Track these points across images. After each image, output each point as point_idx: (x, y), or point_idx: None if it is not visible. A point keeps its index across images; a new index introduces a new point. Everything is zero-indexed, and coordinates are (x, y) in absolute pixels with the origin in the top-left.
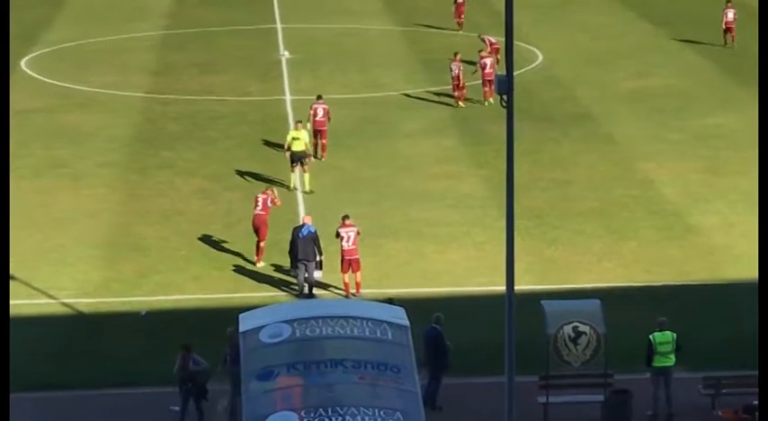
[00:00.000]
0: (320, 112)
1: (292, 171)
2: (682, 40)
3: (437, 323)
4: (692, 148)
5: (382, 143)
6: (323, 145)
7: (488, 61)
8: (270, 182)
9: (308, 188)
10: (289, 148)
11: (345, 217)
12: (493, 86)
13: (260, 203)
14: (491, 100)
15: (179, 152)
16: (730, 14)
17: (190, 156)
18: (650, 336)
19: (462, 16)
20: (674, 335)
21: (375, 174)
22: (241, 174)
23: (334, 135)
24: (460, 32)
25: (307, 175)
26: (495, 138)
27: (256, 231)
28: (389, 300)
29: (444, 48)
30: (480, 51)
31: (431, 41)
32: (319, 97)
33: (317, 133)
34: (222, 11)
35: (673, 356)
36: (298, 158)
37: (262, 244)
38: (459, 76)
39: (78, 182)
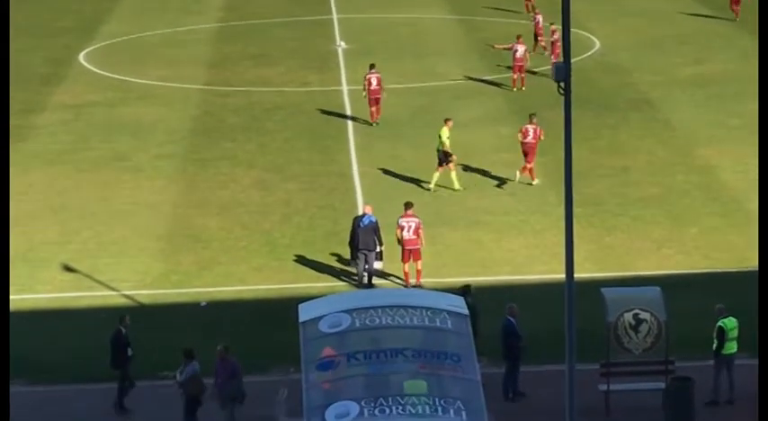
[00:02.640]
0: (374, 81)
1: (438, 170)
2: (739, 25)
3: (510, 314)
4: (752, 134)
5: (439, 132)
6: (378, 110)
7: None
8: (327, 173)
9: (457, 186)
10: (442, 146)
11: (408, 205)
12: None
13: (530, 133)
14: None
15: (238, 143)
16: None
17: (248, 148)
18: (721, 323)
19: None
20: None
21: (432, 163)
22: (300, 164)
23: (391, 125)
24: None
25: (454, 173)
26: (553, 126)
27: (525, 155)
28: (467, 287)
29: (501, 37)
30: (552, 24)
31: (487, 30)
32: (372, 66)
33: (372, 101)
34: (278, 2)
35: (736, 342)
36: (446, 156)
37: (529, 165)
38: (522, 58)
39: (138, 174)
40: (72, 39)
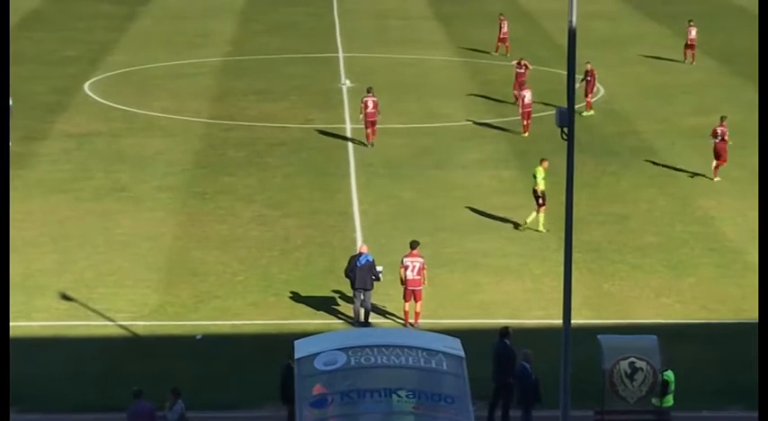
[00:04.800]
0: (370, 105)
1: (538, 210)
2: (743, 77)
3: (525, 360)
4: (752, 186)
5: (440, 173)
6: (373, 132)
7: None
8: (327, 211)
9: (541, 227)
10: (537, 186)
11: (414, 244)
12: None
13: (719, 135)
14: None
15: (239, 178)
16: (693, 33)
17: (249, 183)
18: (666, 376)
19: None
20: None
21: (432, 204)
22: (300, 201)
23: (393, 164)
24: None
25: (542, 214)
26: (554, 171)
27: (718, 156)
28: (505, 329)
29: (505, 79)
30: (587, 62)
31: (491, 73)
32: (369, 90)
33: (368, 124)
34: (284, 39)
35: (672, 396)
36: (542, 196)
37: (722, 164)
38: (530, 104)
39: (138, 205)
40: (77, 68)
